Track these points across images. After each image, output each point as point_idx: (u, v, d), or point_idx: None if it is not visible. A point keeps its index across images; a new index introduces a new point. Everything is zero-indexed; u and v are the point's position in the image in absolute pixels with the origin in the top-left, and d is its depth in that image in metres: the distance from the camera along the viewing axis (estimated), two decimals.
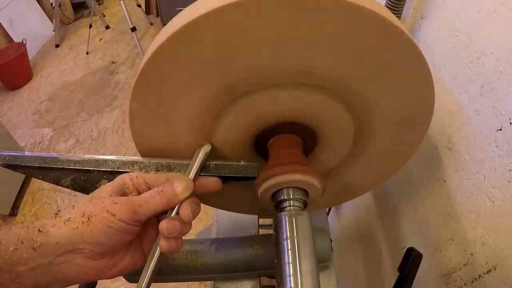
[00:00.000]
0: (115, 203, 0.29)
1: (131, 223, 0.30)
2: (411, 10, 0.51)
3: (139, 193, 0.32)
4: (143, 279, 0.30)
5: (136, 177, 0.32)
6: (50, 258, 0.28)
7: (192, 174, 0.33)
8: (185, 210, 0.31)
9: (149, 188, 0.32)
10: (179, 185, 0.31)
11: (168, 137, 0.36)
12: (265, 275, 0.51)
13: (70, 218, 0.29)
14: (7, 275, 0.26)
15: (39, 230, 0.28)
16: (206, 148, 0.35)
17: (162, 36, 0.29)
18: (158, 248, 0.31)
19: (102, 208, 0.29)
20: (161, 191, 0.31)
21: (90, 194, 0.32)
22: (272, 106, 0.35)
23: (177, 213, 0.32)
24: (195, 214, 0.32)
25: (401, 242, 0.59)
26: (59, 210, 0.30)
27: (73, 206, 0.30)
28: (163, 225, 0.30)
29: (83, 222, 0.28)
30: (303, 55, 0.29)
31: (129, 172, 0.35)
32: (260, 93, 0.33)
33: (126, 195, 0.31)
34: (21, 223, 0.29)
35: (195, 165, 0.34)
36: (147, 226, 0.34)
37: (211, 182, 0.35)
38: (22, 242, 0.27)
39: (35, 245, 0.27)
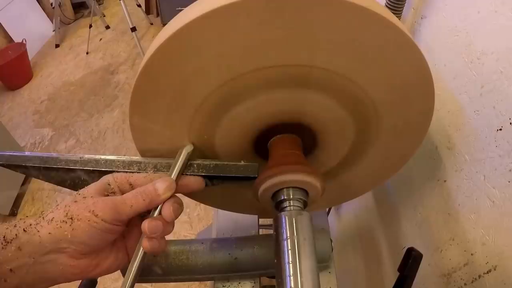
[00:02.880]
0: (98, 203, 0.30)
1: (114, 223, 0.30)
2: (411, 10, 0.51)
3: (123, 194, 0.32)
4: (127, 279, 0.31)
5: (120, 177, 0.33)
6: (35, 257, 0.28)
7: (174, 174, 0.33)
8: (167, 210, 0.31)
9: (133, 189, 0.32)
10: (161, 185, 0.31)
11: (169, 137, 0.36)
12: (265, 275, 0.51)
13: (53, 217, 0.29)
14: None
15: (24, 230, 0.28)
16: (188, 148, 0.35)
17: (162, 36, 0.29)
18: (142, 248, 0.31)
19: (85, 208, 0.29)
20: (144, 191, 0.31)
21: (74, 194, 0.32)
22: (272, 107, 0.35)
23: (160, 213, 0.32)
24: (177, 214, 0.32)
25: (401, 242, 0.59)
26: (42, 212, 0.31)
27: (57, 205, 0.30)
28: (145, 225, 0.30)
29: (66, 222, 0.29)
30: (302, 56, 0.29)
31: (129, 172, 0.35)
32: (260, 95, 0.33)
33: (109, 196, 0.32)
34: (7, 223, 0.29)
35: (177, 165, 0.34)
36: (131, 226, 0.34)
37: (194, 182, 0.35)
38: (8, 242, 0.27)
39: (21, 244, 0.28)
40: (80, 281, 0.46)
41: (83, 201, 0.30)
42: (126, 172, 0.35)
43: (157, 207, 0.32)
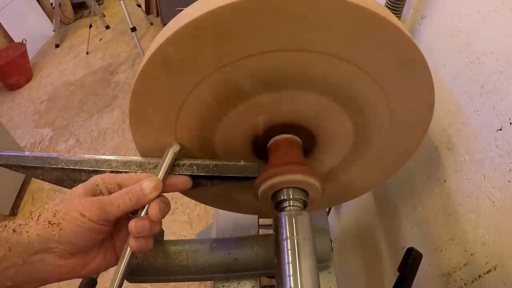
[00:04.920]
0: (85, 203, 0.30)
1: (101, 223, 0.30)
2: (411, 10, 0.51)
3: (111, 194, 0.32)
4: (115, 278, 0.31)
5: (108, 178, 0.33)
6: (24, 257, 0.28)
7: (161, 174, 0.33)
8: (153, 209, 0.32)
9: (121, 189, 0.33)
10: (148, 185, 0.32)
11: (169, 138, 0.36)
12: (265, 275, 0.51)
13: (41, 218, 0.29)
14: None
15: (13, 230, 0.28)
16: (175, 148, 0.35)
17: (162, 37, 0.29)
18: (129, 248, 0.31)
19: (73, 208, 0.30)
20: (130, 191, 0.31)
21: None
22: (272, 108, 0.35)
23: (147, 212, 0.32)
24: (163, 213, 0.32)
25: (401, 242, 0.59)
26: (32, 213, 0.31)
27: (46, 206, 0.31)
28: (132, 224, 0.31)
29: (54, 222, 0.29)
30: (301, 57, 0.29)
31: (128, 172, 0.35)
32: (259, 96, 0.33)
33: (97, 196, 0.32)
34: None
35: (164, 165, 0.34)
36: (119, 226, 0.34)
37: (181, 182, 0.35)
38: None
39: (10, 245, 0.28)
40: (80, 281, 0.46)
41: (71, 201, 0.30)
42: (126, 172, 0.36)
43: (145, 207, 0.32)
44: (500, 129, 0.35)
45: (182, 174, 0.36)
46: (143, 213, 0.32)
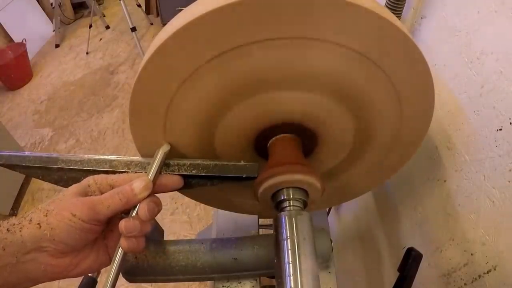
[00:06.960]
0: (76, 203, 0.30)
1: (92, 223, 0.31)
2: (411, 10, 0.51)
3: (102, 194, 0.32)
4: (108, 278, 0.31)
5: (100, 178, 0.33)
6: (17, 256, 0.29)
7: (151, 174, 0.34)
8: (142, 209, 0.32)
9: (112, 189, 0.33)
10: (138, 185, 0.32)
11: (168, 137, 0.36)
12: (265, 275, 0.51)
13: (34, 217, 0.30)
14: None
15: (7, 230, 0.29)
16: (165, 148, 0.36)
17: (162, 36, 0.29)
18: (121, 248, 0.32)
19: (64, 208, 0.30)
20: (120, 191, 0.32)
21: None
22: (273, 107, 0.35)
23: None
24: (152, 213, 0.32)
25: (401, 242, 0.59)
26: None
27: (39, 206, 0.31)
28: (122, 224, 0.31)
29: (46, 222, 0.29)
30: (302, 56, 0.29)
31: (129, 172, 0.35)
32: (260, 95, 0.33)
33: (89, 196, 0.32)
34: None
35: (154, 165, 0.34)
36: (112, 226, 0.34)
37: (172, 182, 0.35)
38: None
39: (4, 244, 0.28)
40: (80, 281, 0.46)
41: (62, 201, 0.31)
42: (126, 172, 0.36)
43: (136, 207, 0.32)
44: (500, 129, 0.35)
45: (176, 174, 0.36)
46: (134, 213, 0.32)
